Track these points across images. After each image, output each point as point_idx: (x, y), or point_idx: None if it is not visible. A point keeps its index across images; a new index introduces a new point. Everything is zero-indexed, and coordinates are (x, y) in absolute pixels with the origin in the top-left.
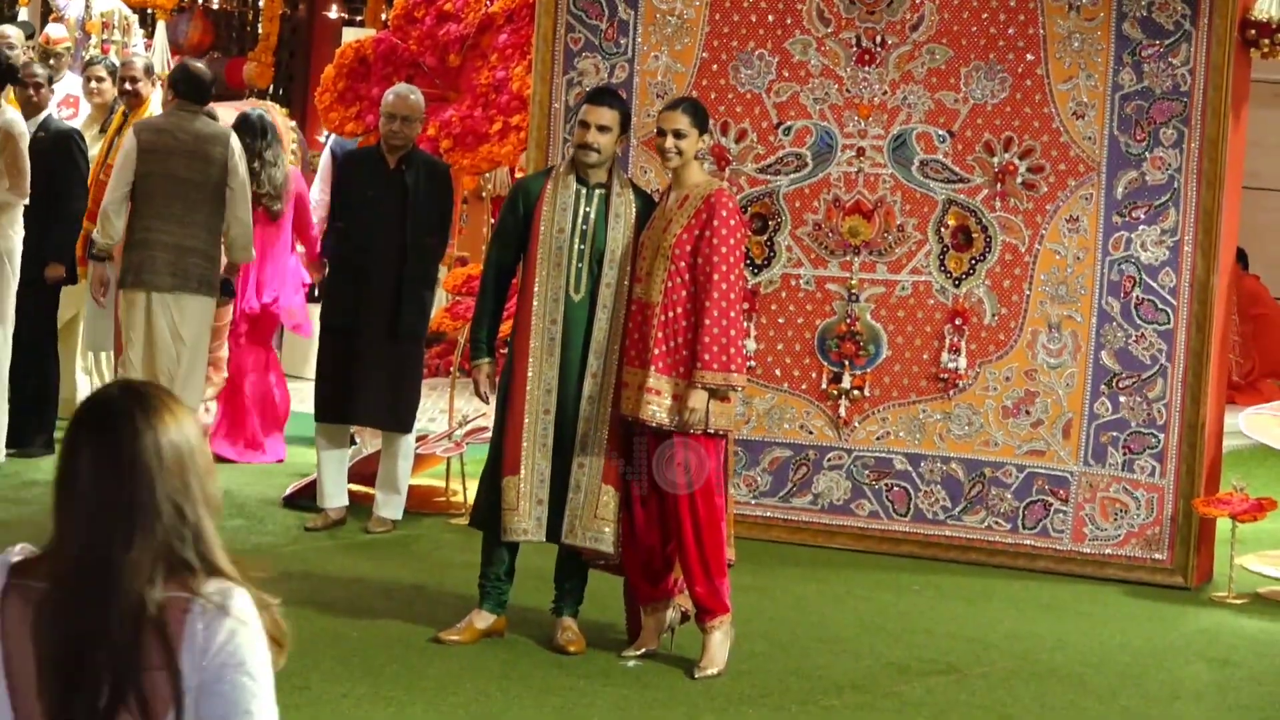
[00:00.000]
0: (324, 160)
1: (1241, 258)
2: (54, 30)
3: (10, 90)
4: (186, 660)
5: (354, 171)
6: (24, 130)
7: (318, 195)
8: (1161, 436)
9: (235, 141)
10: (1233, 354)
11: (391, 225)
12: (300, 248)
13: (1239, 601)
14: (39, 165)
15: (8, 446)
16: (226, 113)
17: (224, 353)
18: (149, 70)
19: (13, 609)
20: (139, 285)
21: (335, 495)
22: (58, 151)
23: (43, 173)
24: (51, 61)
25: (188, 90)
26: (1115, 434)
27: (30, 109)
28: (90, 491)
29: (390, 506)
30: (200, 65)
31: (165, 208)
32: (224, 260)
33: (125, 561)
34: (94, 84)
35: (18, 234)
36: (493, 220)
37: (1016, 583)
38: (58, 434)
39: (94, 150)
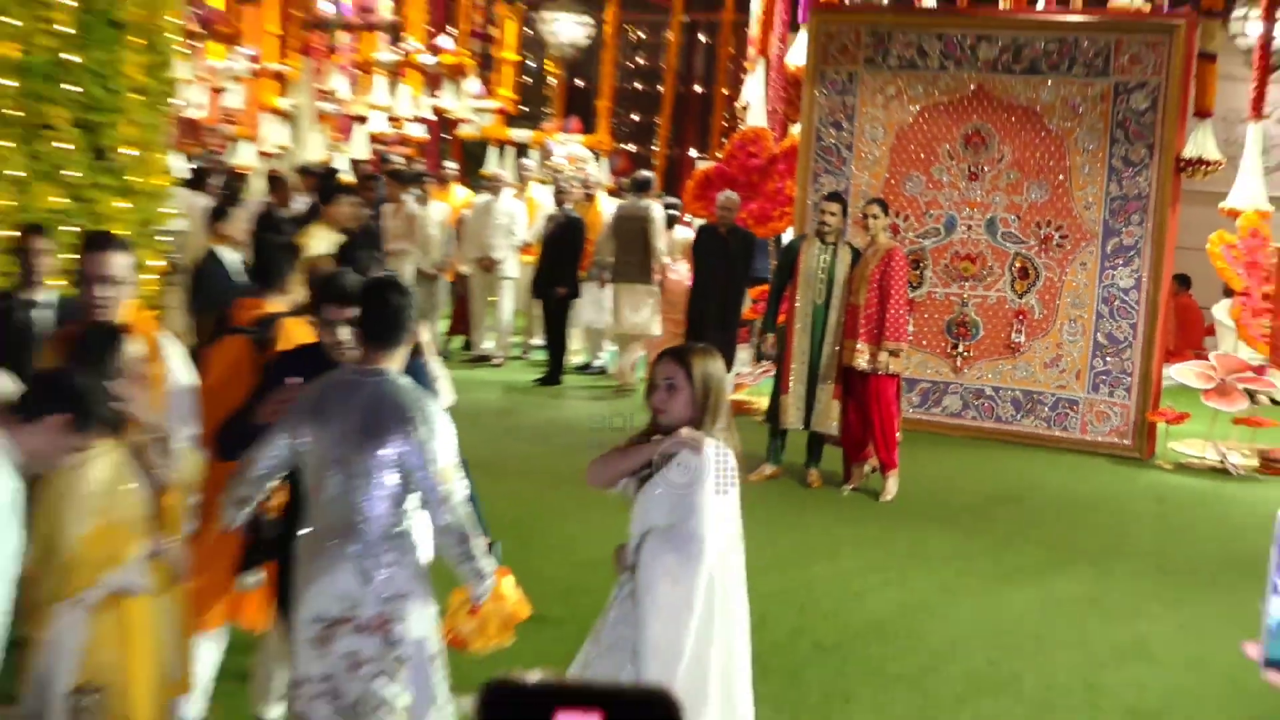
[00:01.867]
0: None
1: (1185, 281)
2: (560, 153)
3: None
4: None
5: (702, 239)
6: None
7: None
8: (1130, 379)
9: (655, 211)
10: (1169, 335)
11: (720, 271)
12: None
13: (1169, 467)
14: (556, 238)
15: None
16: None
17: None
18: (595, 182)
19: None
20: (613, 280)
21: None
22: (567, 232)
23: (557, 243)
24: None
25: (632, 185)
26: (1104, 376)
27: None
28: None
29: None
30: (644, 173)
31: (623, 246)
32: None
33: None
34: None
35: None
36: (774, 263)
37: (1052, 455)
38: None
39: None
